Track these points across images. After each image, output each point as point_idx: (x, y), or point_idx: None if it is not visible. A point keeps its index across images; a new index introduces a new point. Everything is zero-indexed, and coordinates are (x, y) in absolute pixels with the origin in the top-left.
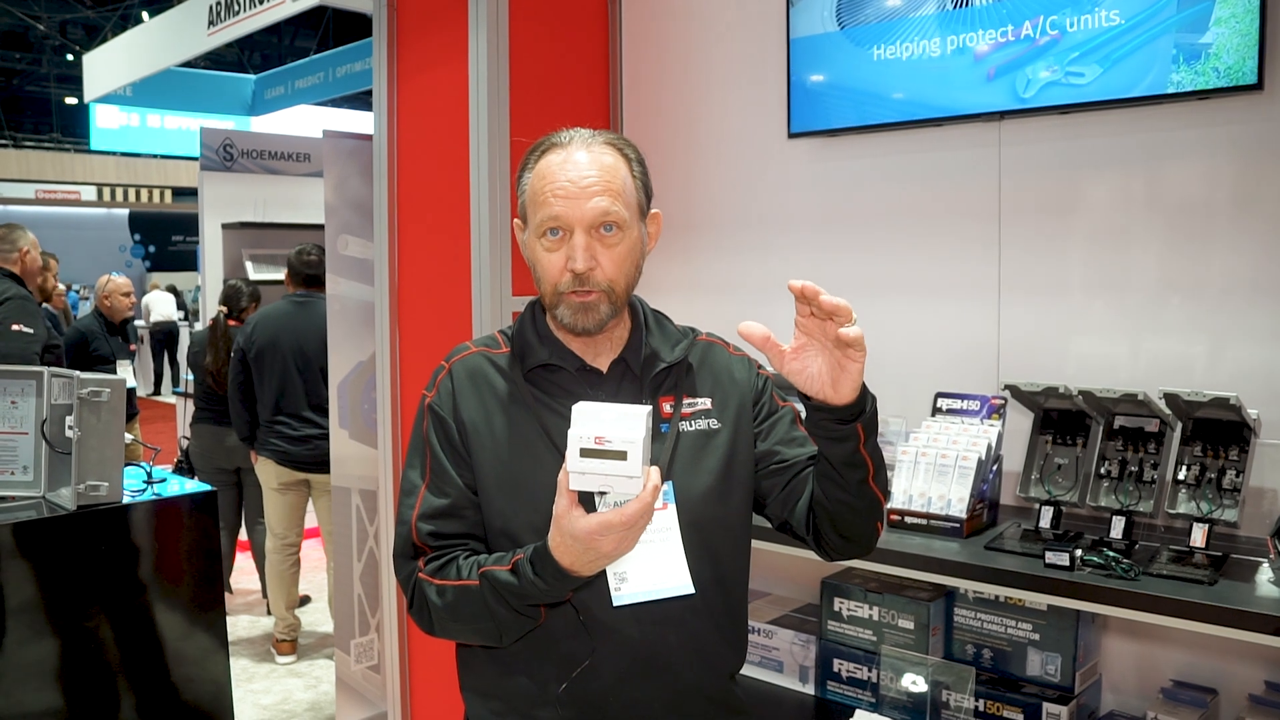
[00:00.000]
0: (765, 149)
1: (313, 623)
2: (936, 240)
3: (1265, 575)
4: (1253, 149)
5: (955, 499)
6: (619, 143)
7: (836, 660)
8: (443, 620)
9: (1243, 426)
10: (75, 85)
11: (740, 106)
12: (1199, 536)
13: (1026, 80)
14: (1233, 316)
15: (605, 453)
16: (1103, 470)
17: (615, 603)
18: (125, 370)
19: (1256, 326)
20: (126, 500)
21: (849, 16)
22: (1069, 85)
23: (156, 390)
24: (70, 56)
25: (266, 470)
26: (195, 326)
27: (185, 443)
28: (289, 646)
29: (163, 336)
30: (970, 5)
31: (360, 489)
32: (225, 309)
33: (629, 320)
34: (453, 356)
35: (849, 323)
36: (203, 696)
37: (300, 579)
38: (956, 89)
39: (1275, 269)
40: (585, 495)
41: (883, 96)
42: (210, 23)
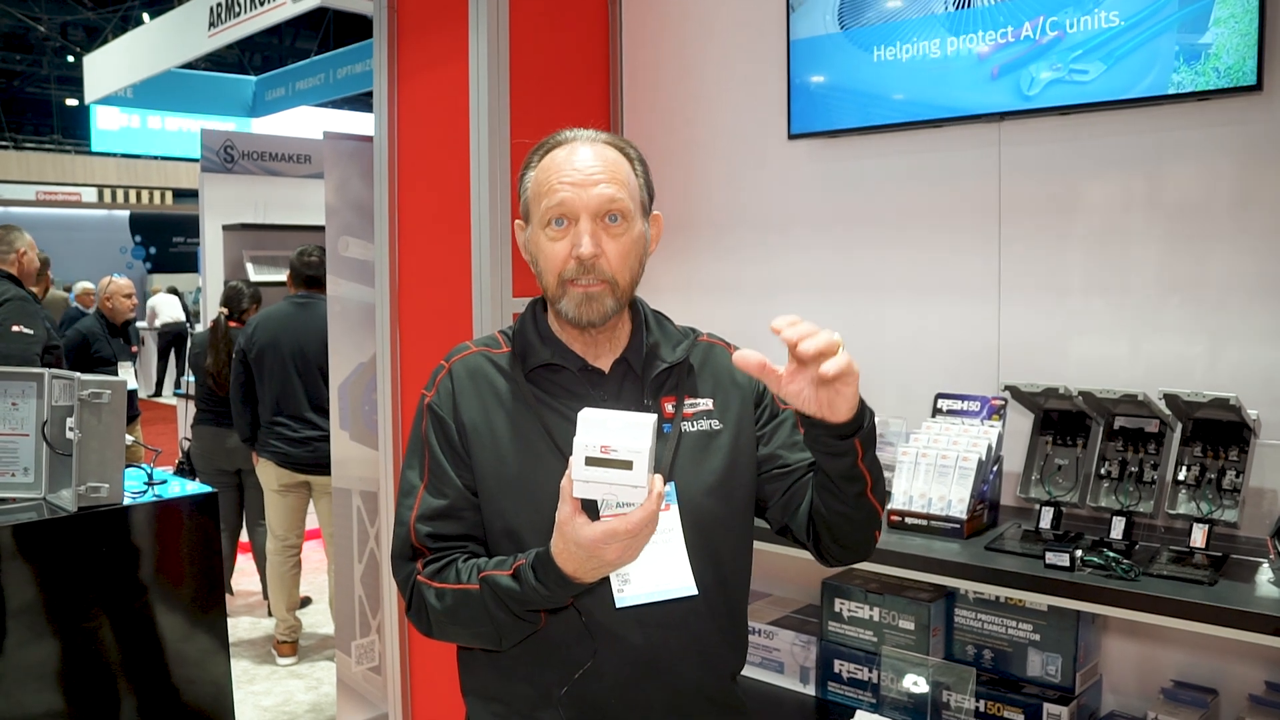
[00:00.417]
0: (765, 150)
1: (314, 624)
2: (937, 241)
3: (1265, 575)
4: (1252, 150)
5: (955, 500)
6: (621, 143)
7: (837, 661)
8: (441, 623)
9: (1242, 427)
10: (76, 87)
11: (740, 108)
12: (1199, 537)
13: (1031, 78)
14: (1233, 317)
15: (611, 462)
16: (1103, 471)
17: (618, 604)
18: (126, 372)
19: (1256, 327)
20: (127, 502)
21: (851, 18)
22: (1073, 83)
23: (158, 391)
24: (71, 58)
25: (267, 472)
26: (196, 328)
27: (186, 444)
28: (290, 648)
29: (171, 338)
30: (972, 6)
31: (361, 490)
32: (226, 310)
33: (630, 320)
34: (453, 356)
35: (834, 354)
36: (203, 698)
37: (301, 580)
38: (960, 88)
39: (1275, 270)
40: (588, 501)
41: (884, 98)
42: (211, 24)
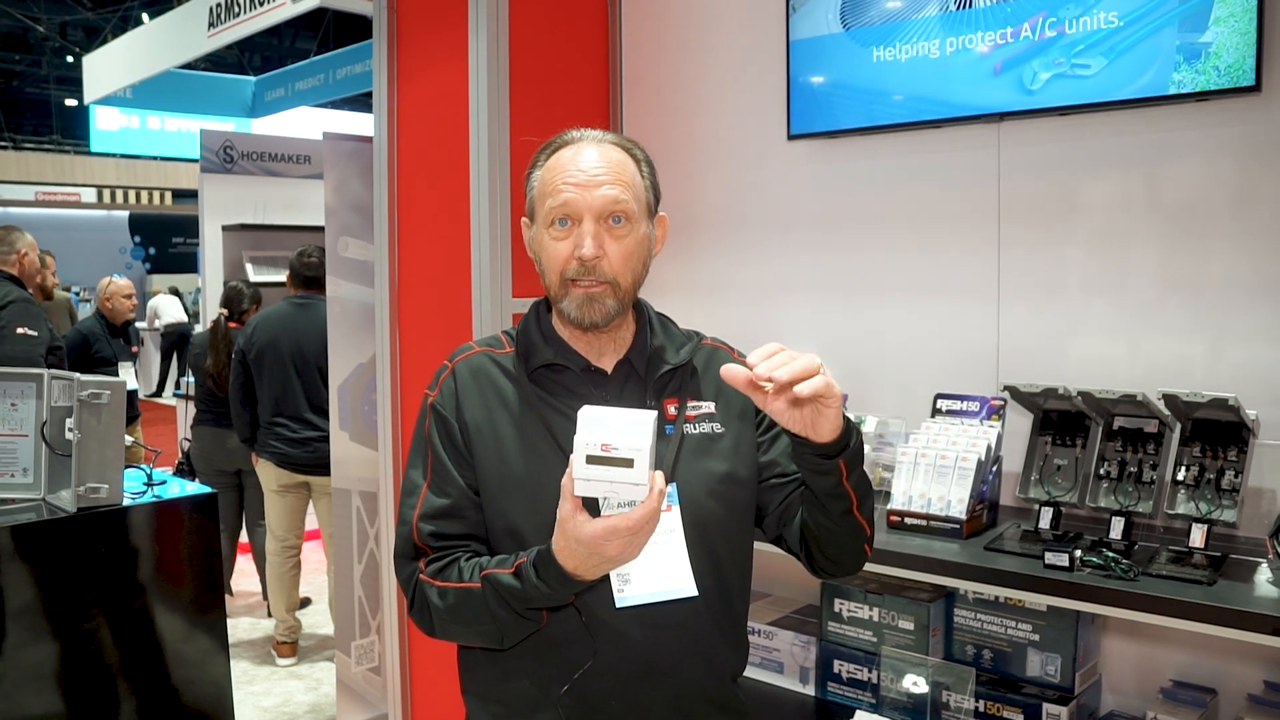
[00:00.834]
0: (765, 150)
1: (313, 625)
2: (936, 242)
3: (1264, 575)
4: (1251, 150)
5: (955, 500)
6: (628, 144)
7: (837, 661)
8: (443, 622)
9: (1241, 427)
10: (75, 87)
11: (740, 108)
12: (1198, 537)
13: (1033, 73)
14: (1232, 317)
15: (611, 460)
16: (1102, 471)
17: (618, 604)
18: (127, 372)
19: (1255, 327)
20: (126, 502)
21: (853, 17)
22: (1076, 77)
23: (159, 392)
24: (70, 58)
25: (266, 472)
26: (196, 329)
27: (186, 445)
28: (289, 649)
29: (176, 339)
30: (973, 6)
31: (361, 491)
32: (226, 311)
33: (634, 321)
34: (456, 356)
35: (811, 377)
36: (203, 698)
37: (301, 581)
38: (962, 85)
39: (1274, 270)
40: (589, 499)
41: (886, 97)
42: (210, 24)
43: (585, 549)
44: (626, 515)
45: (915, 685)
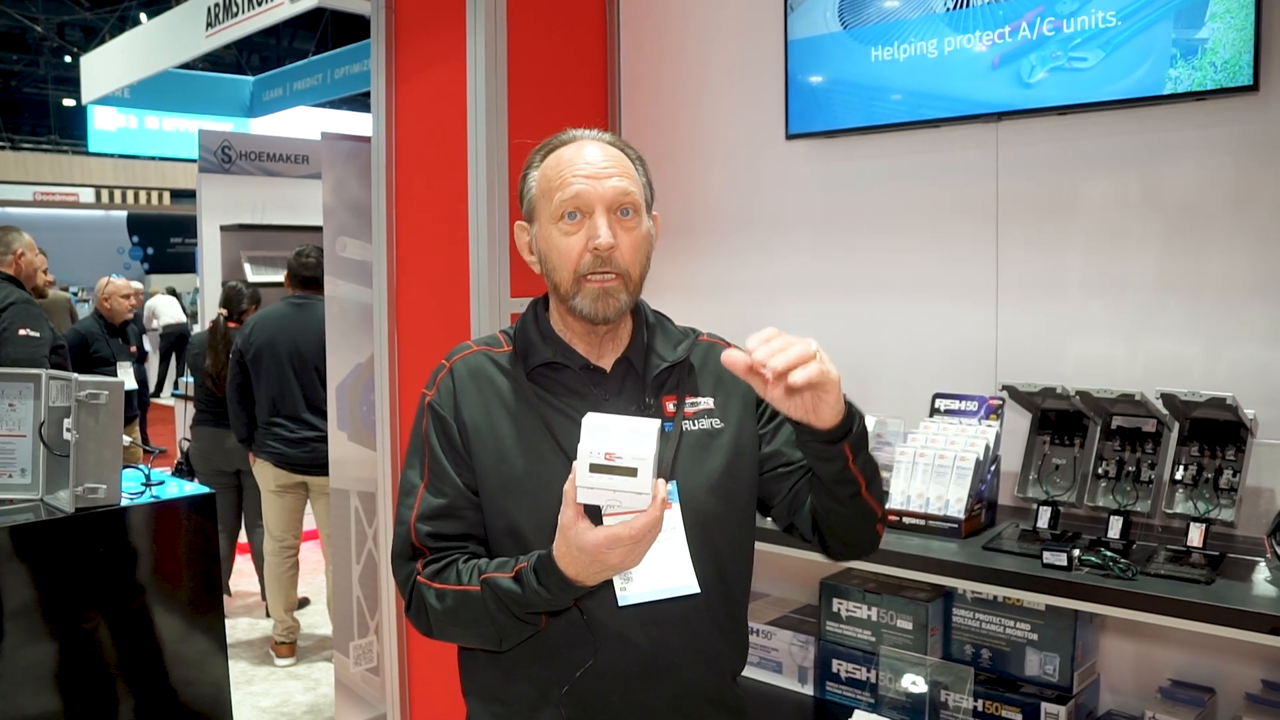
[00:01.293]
0: (763, 150)
1: (311, 625)
2: (934, 241)
3: (1262, 574)
4: (1249, 150)
5: (953, 499)
6: (621, 143)
7: (835, 661)
8: (441, 624)
9: (1239, 426)
10: (73, 87)
11: (738, 108)
12: (1196, 536)
13: (1031, 66)
14: (1229, 317)
15: (615, 469)
16: (1100, 470)
17: (620, 603)
18: (125, 372)
19: (1253, 327)
20: (125, 503)
21: (851, 16)
22: (1073, 70)
23: (157, 392)
24: (68, 58)
25: (264, 472)
26: (194, 329)
27: (186, 445)
28: (288, 649)
29: (174, 339)
30: (970, 5)
31: (359, 491)
32: (225, 311)
33: (631, 319)
34: (454, 355)
35: (808, 363)
36: (201, 699)
37: (299, 581)
38: (960, 80)
39: (1272, 270)
40: (591, 505)
41: (884, 96)
42: (208, 24)
43: (587, 556)
44: (629, 524)
45: (914, 685)
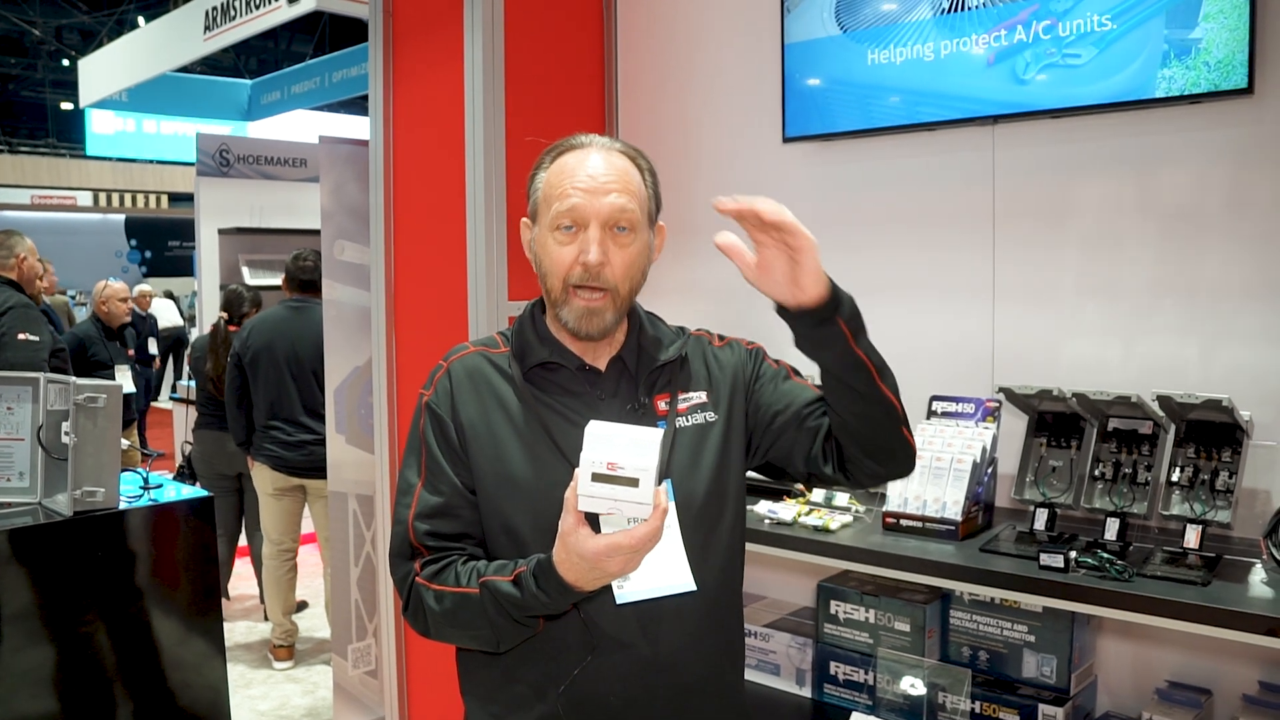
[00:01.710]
0: (760, 153)
1: (310, 628)
2: (931, 244)
3: (1258, 576)
4: (1244, 153)
5: (950, 502)
6: (633, 152)
7: (833, 663)
8: (439, 625)
9: (1235, 428)
10: (71, 90)
11: (735, 111)
12: (1192, 538)
13: (1025, 64)
14: (1225, 319)
15: (617, 479)
16: (1097, 472)
17: (618, 601)
18: (123, 376)
19: (1248, 329)
20: (123, 506)
21: (849, 18)
22: (1067, 67)
23: (155, 395)
24: (66, 62)
25: (262, 475)
26: (192, 332)
27: (188, 448)
28: (286, 652)
29: (171, 343)
30: (966, 8)
31: (357, 494)
32: (226, 314)
33: (627, 320)
34: (451, 356)
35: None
36: (200, 702)
37: (297, 584)
38: (956, 77)
39: (1266, 272)
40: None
41: (880, 99)
42: (206, 28)
43: (586, 563)
44: (629, 533)
45: (911, 687)
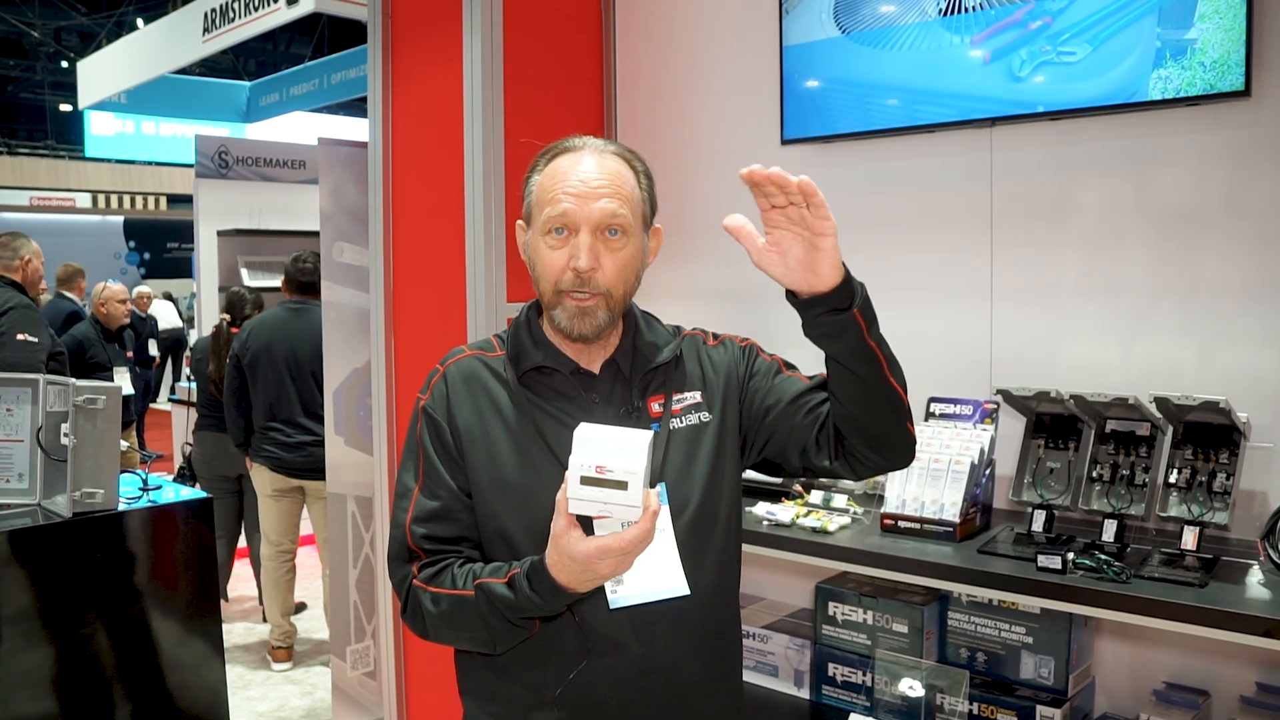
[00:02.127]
0: (759, 155)
1: (309, 630)
2: (929, 245)
3: (1255, 577)
4: (1241, 155)
5: (948, 503)
6: (628, 154)
7: (831, 664)
8: (436, 627)
9: (1233, 430)
10: (70, 92)
11: (733, 113)
12: (1190, 539)
13: (1021, 61)
14: (1222, 321)
15: (606, 482)
16: (1094, 474)
17: (611, 605)
18: (121, 377)
19: (1246, 330)
20: (122, 507)
21: (847, 20)
22: (1063, 64)
23: (155, 397)
24: (65, 63)
25: (261, 477)
26: (191, 334)
27: (188, 450)
28: (285, 653)
29: (170, 345)
30: (962, 10)
31: (356, 495)
32: (228, 316)
33: (621, 323)
34: (447, 359)
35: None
36: (198, 704)
37: (296, 586)
38: (953, 76)
39: (1264, 274)
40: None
41: (878, 101)
42: (205, 30)
43: (578, 565)
44: (620, 535)
45: (909, 688)
